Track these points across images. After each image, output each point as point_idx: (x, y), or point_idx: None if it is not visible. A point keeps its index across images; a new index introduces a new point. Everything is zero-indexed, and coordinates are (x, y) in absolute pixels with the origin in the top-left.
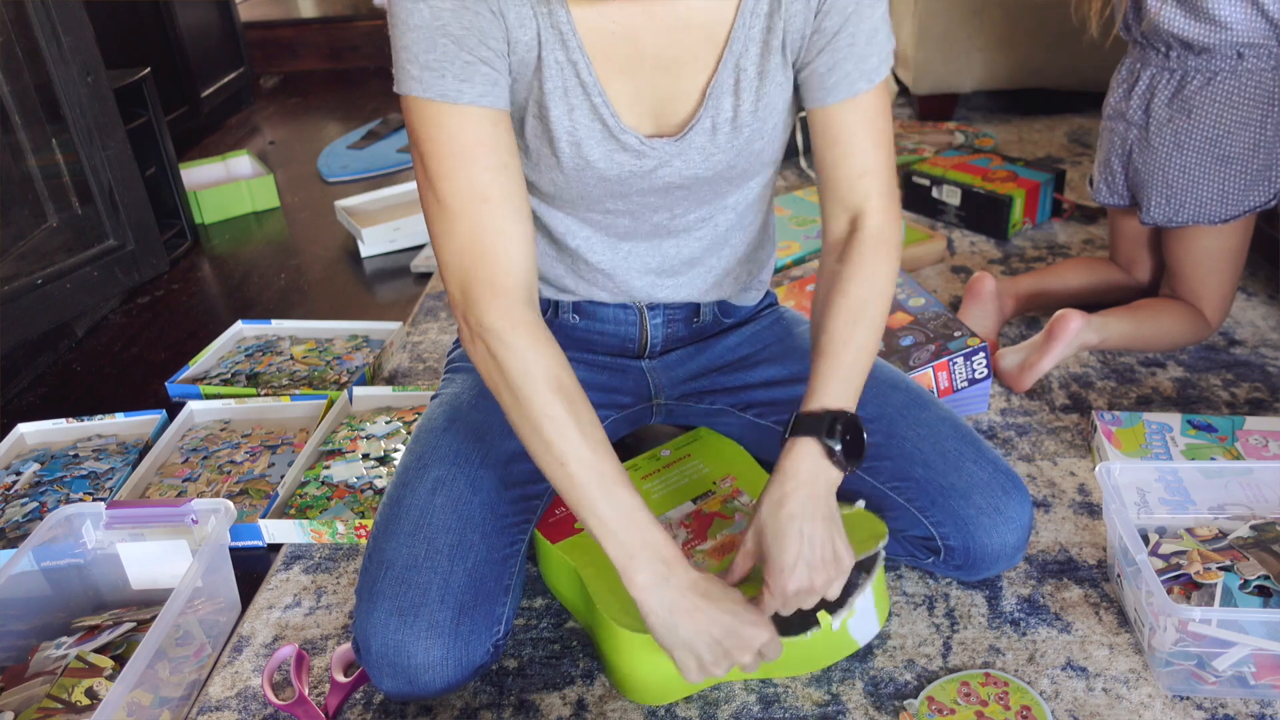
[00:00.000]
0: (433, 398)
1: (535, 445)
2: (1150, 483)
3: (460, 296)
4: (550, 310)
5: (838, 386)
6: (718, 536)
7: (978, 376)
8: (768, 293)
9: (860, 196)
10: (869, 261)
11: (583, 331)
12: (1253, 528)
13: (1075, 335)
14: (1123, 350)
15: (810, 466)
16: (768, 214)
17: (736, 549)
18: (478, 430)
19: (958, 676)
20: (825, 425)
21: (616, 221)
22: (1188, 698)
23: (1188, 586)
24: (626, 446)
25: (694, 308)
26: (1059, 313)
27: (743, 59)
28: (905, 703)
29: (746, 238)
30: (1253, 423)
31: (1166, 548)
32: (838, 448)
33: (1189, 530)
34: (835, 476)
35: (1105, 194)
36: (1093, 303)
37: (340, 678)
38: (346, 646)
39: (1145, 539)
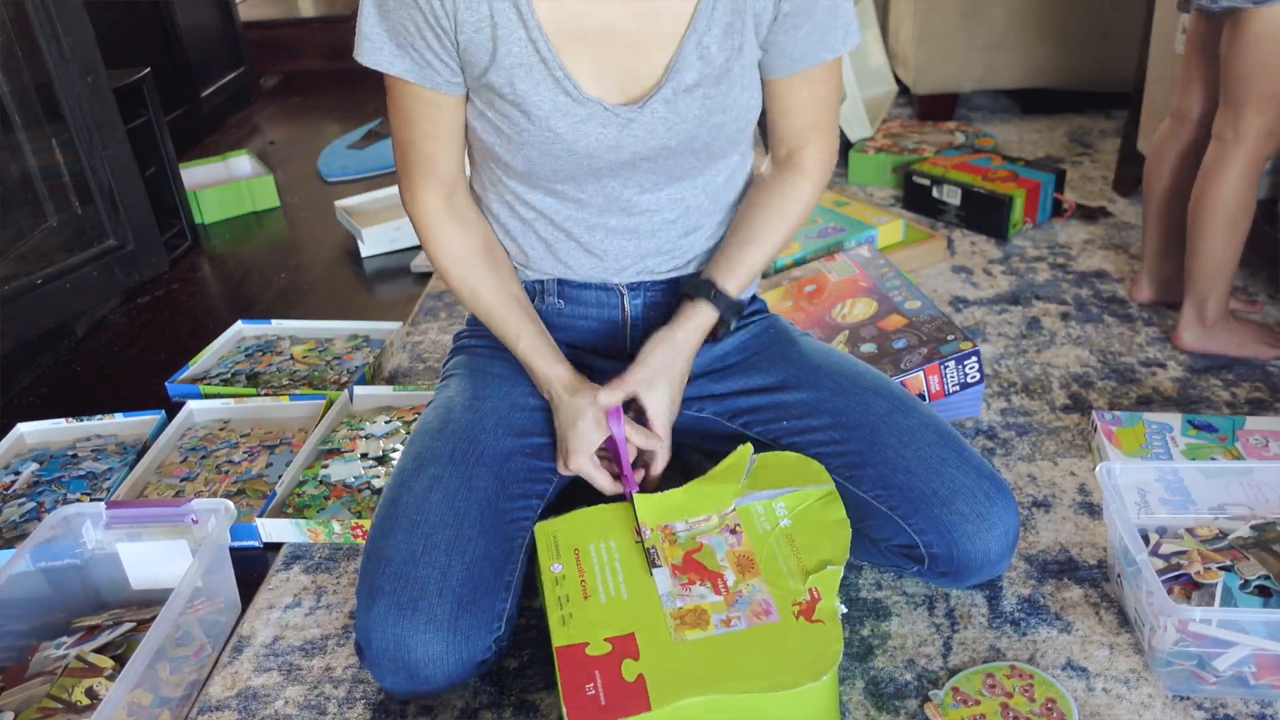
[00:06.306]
0: (428, 405)
1: (467, 304)
2: (1150, 483)
3: (403, 183)
4: (536, 296)
5: (743, 278)
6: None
7: (969, 381)
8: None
9: (800, 142)
10: (798, 182)
11: (568, 317)
12: (1253, 528)
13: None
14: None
15: (702, 324)
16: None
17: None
18: (471, 431)
19: (983, 668)
20: (734, 311)
21: (590, 200)
22: (1188, 698)
23: (1188, 586)
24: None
25: (673, 285)
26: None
27: (705, 36)
28: (930, 693)
29: (719, 221)
30: (1253, 423)
31: (1167, 548)
32: (730, 325)
33: (1189, 530)
34: (700, 342)
35: None
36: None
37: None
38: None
39: (1145, 539)
